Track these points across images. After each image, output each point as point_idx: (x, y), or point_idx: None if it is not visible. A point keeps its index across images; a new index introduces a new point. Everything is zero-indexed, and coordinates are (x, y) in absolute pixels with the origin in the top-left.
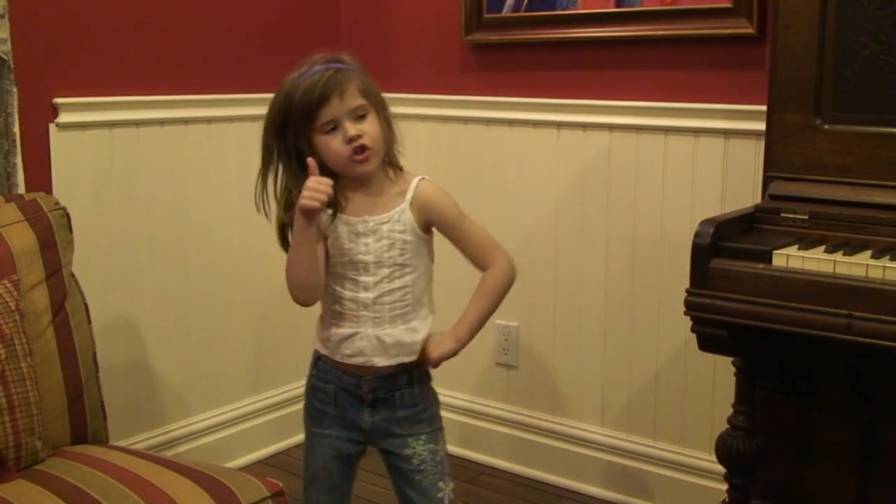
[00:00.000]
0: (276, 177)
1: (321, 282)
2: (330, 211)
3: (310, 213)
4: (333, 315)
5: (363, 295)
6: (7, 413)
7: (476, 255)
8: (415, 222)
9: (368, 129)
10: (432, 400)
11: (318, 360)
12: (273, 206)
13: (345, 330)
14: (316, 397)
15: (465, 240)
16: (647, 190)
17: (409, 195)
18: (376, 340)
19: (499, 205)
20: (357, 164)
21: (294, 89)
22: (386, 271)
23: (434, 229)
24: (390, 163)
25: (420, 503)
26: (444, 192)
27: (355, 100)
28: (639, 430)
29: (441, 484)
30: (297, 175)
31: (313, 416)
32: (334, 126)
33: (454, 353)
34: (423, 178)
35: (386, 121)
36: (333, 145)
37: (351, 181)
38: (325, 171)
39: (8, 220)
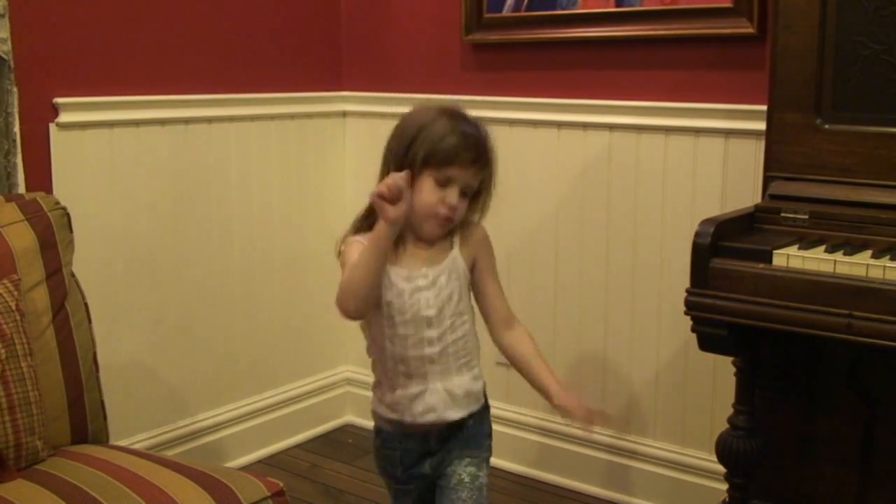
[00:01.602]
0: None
1: (376, 297)
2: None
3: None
4: (396, 376)
5: (428, 350)
6: (7, 413)
7: (503, 304)
8: (465, 264)
9: (461, 208)
10: (485, 430)
11: (380, 431)
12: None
13: (412, 389)
14: (387, 462)
15: (495, 285)
16: (647, 190)
17: (457, 239)
18: (446, 394)
19: (499, 205)
20: (434, 224)
21: (444, 132)
22: (448, 322)
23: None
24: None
25: None
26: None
27: (475, 179)
28: (639, 430)
29: None
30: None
31: (389, 476)
32: (447, 183)
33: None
34: (474, 222)
35: (477, 203)
36: (431, 195)
37: (412, 234)
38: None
39: (8, 219)
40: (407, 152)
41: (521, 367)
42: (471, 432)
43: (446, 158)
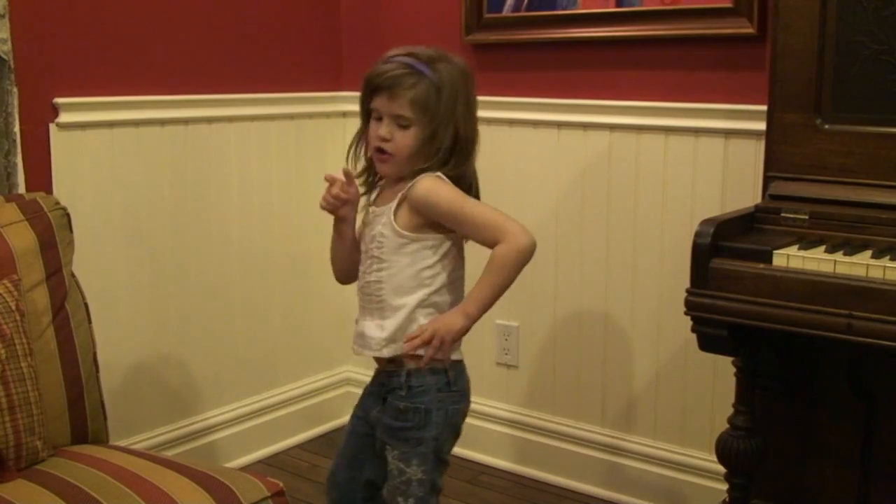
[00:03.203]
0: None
1: (351, 266)
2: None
3: (332, 214)
4: None
5: (358, 282)
6: (7, 413)
7: (485, 236)
8: (395, 221)
9: (399, 139)
10: (425, 424)
11: None
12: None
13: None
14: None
15: (473, 224)
16: (647, 190)
17: (400, 193)
18: (356, 326)
19: (499, 205)
20: (377, 162)
21: (373, 67)
22: (367, 262)
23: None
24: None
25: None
26: (442, 183)
27: (401, 108)
28: (639, 430)
29: (400, 499)
30: (360, 135)
31: None
32: (379, 116)
33: (463, 331)
34: (425, 176)
35: (433, 139)
36: (371, 131)
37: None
38: None
39: (8, 220)
40: (361, 99)
41: None
42: (400, 417)
43: (367, 88)
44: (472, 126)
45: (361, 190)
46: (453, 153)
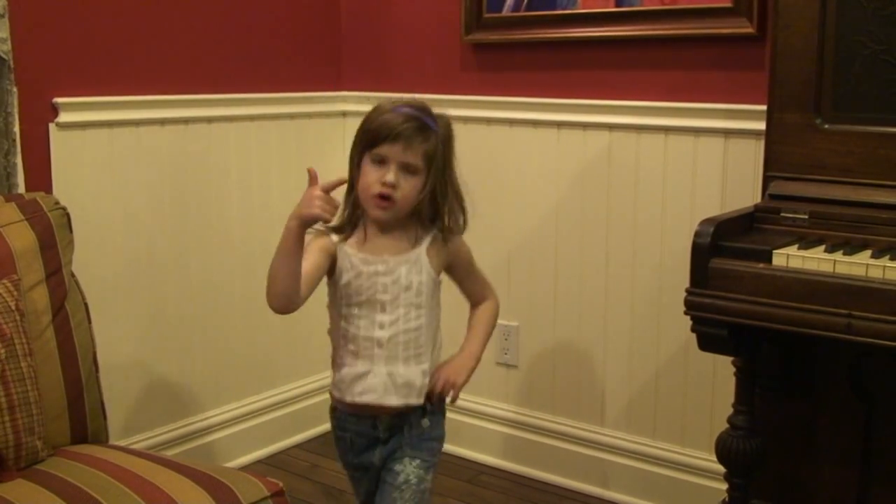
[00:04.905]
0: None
1: (299, 293)
2: (336, 237)
3: (310, 222)
4: (346, 354)
5: (378, 333)
6: (7, 413)
7: (477, 290)
8: (431, 267)
9: (406, 187)
10: (439, 436)
11: (335, 409)
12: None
13: (358, 369)
14: (340, 444)
15: (474, 278)
16: (647, 190)
17: (428, 238)
18: (388, 379)
19: (499, 205)
20: (375, 206)
21: (378, 114)
22: (402, 311)
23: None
24: (420, 220)
25: None
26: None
27: (414, 158)
28: (639, 430)
29: None
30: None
31: (343, 460)
32: (382, 161)
33: (473, 371)
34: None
35: (431, 191)
36: (371, 175)
37: (372, 222)
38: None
39: (8, 219)
40: (355, 144)
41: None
42: (425, 433)
43: (377, 136)
44: (455, 179)
45: (334, 236)
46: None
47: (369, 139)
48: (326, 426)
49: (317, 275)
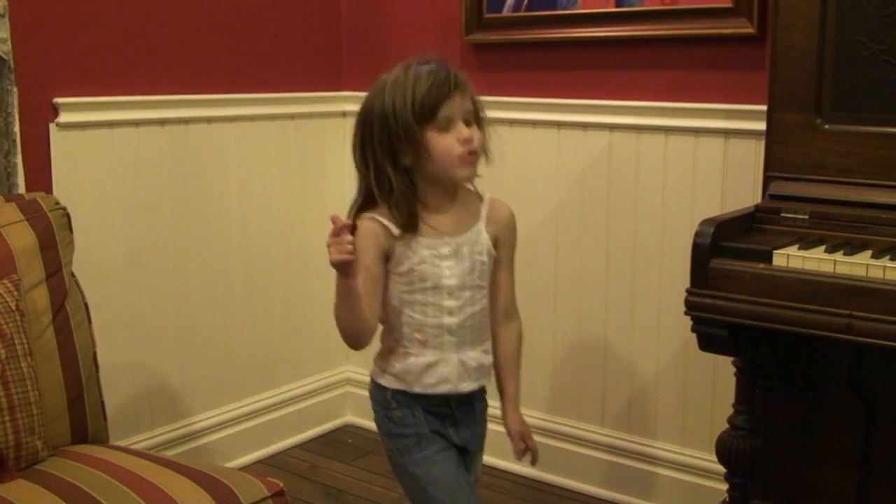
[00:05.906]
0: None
1: (371, 327)
2: (392, 227)
3: (345, 266)
4: (412, 343)
5: (448, 320)
6: (7, 413)
7: (507, 290)
8: (490, 242)
9: (478, 135)
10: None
11: (393, 397)
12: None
13: (427, 358)
14: (405, 426)
15: (509, 271)
16: (647, 190)
17: (483, 213)
18: (460, 365)
19: None
20: (466, 167)
21: (413, 81)
22: (468, 294)
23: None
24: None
25: None
26: None
27: (468, 102)
28: (639, 430)
29: None
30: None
31: (411, 446)
32: (448, 123)
33: None
34: (492, 195)
35: (482, 128)
36: (445, 142)
37: (434, 198)
38: (410, 179)
39: (8, 220)
40: (391, 132)
41: (496, 364)
42: (481, 426)
43: (433, 102)
44: None
45: (396, 231)
46: None
47: (426, 110)
48: (326, 426)
49: (382, 283)
